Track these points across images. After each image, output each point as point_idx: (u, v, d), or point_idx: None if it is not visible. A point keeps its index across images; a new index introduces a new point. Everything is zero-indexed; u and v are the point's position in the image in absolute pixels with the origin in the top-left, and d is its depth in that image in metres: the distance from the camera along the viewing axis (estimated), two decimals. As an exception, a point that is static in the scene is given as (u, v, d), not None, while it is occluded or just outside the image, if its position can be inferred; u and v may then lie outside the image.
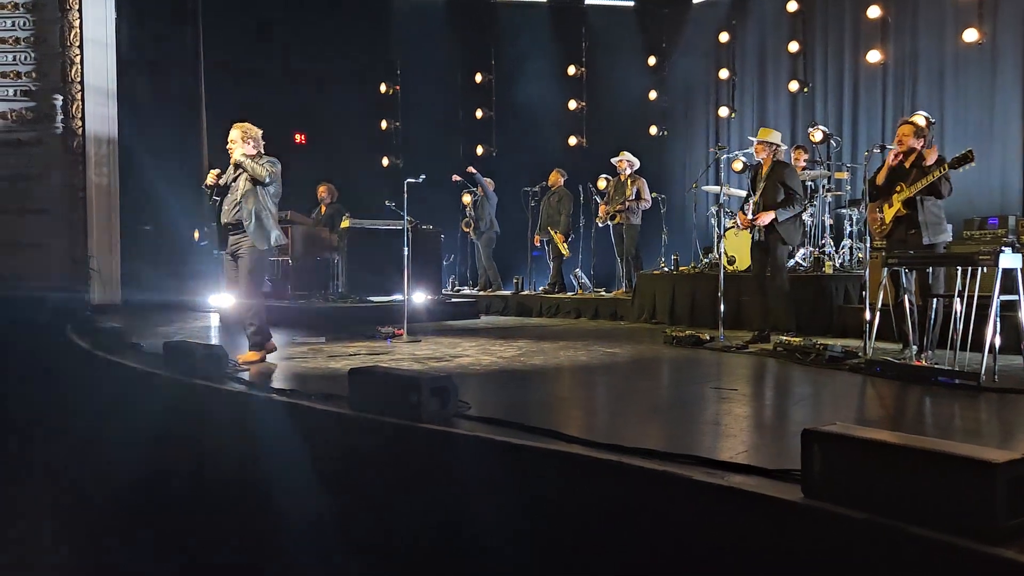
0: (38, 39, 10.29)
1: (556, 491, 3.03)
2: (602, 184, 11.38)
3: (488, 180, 12.12)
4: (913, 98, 10.64)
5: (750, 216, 7.14)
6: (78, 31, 10.23)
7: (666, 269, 10.17)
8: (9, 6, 10.26)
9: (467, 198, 12.37)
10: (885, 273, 5.39)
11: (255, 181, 5.79)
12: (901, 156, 5.78)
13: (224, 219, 5.85)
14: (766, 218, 6.99)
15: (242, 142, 5.83)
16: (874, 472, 2.27)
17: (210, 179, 5.92)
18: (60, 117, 10.30)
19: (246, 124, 5.93)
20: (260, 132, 5.97)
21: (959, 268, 4.93)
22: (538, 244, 11.73)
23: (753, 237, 7.25)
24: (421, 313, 9.50)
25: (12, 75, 10.32)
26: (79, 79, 10.28)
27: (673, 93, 13.80)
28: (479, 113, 14.33)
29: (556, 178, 11.48)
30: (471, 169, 12.08)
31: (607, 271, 11.67)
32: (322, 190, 11.07)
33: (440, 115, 14.22)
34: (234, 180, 5.89)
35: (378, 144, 14.38)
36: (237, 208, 5.78)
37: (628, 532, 2.79)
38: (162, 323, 8.73)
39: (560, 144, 13.74)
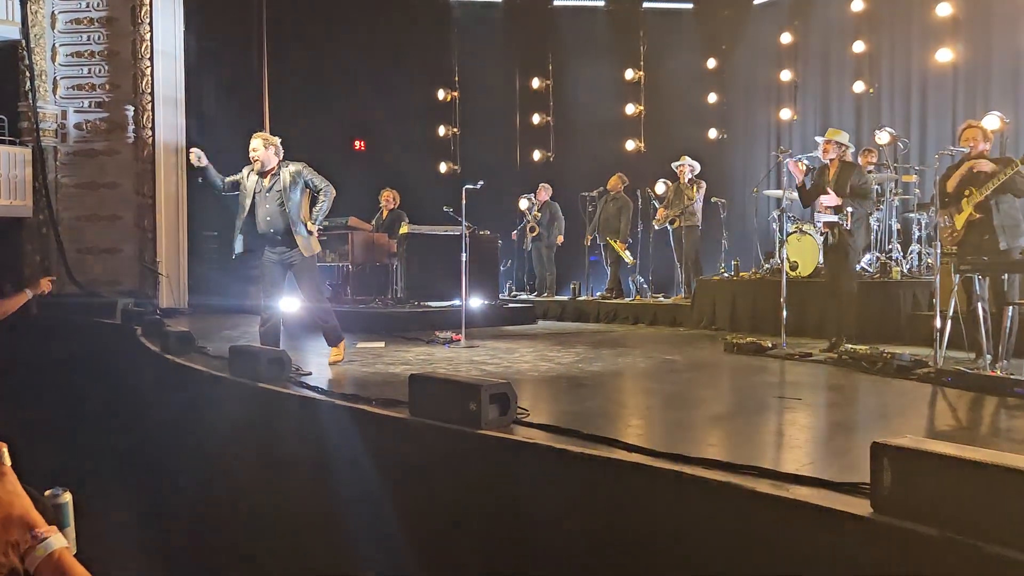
0: (112, 52, 10.69)
1: (615, 500, 3.01)
2: (660, 189, 11.29)
3: (544, 186, 12.18)
4: (985, 98, 10.29)
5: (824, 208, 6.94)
6: (149, 44, 10.59)
7: (726, 274, 10.02)
8: (86, 21, 10.68)
9: (523, 203, 12.41)
10: (956, 279, 5.21)
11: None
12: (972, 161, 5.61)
13: (265, 230, 6.10)
14: (831, 200, 6.81)
15: (264, 149, 6.14)
16: (947, 487, 2.19)
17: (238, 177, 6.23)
18: (132, 127, 10.67)
19: (265, 133, 6.29)
20: (279, 140, 6.30)
21: (1036, 274, 4.74)
22: (588, 243, 11.69)
23: (826, 241, 7.09)
24: (478, 318, 9.54)
25: (88, 87, 10.73)
26: (150, 90, 10.63)
27: (733, 96, 13.62)
28: (536, 118, 14.36)
29: (616, 183, 11.41)
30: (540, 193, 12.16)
31: (666, 276, 11.56)
32: (386, 195, 11.21)
33: (498, 121, 14.28)
34: (265, 190, 6.10)
35: (436, 150, 14.51)
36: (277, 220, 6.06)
37: (689, 544, 2.75)
38: (227, 327, 8.94)
39: (618, 148, 13.68)
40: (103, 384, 7.39)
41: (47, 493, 1.90)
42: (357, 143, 13.97)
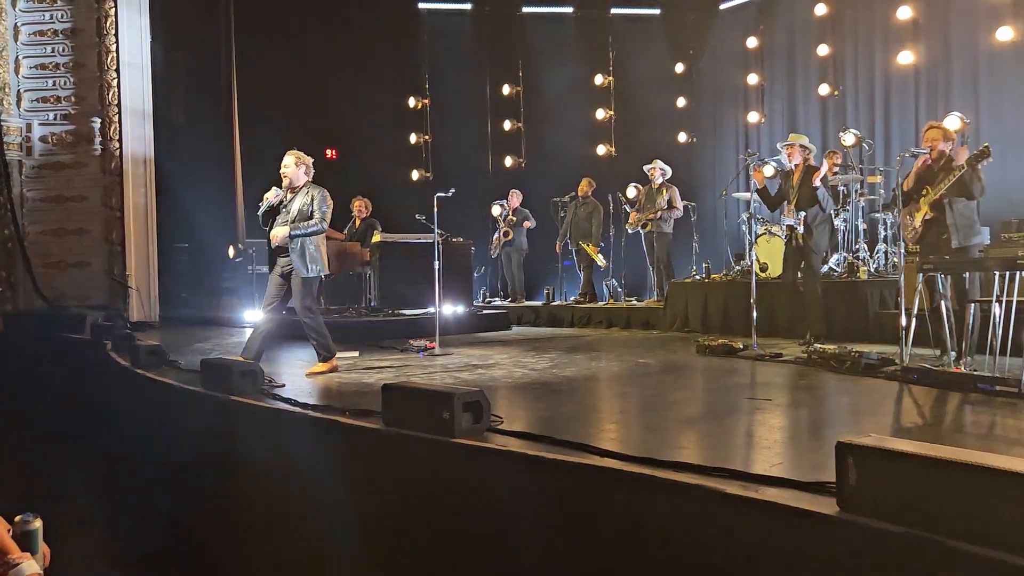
0: (77, 64, 10.56)
1: (588, 505, 3.03)
2: (631, 192, 11.36)
3: (515, 192, 12.23)
4: (947, 99, 10.48)
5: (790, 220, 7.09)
6: (115, 55, 10.48)
7: (698, 277, 10.12)
8: (50, 33, 10.55)
9: (496, 210, 12.44)
10: (920, 278, 5.31)
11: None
12: (930, 160, 5.72)
13: (274, 243, 6.16)
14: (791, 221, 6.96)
15: (295, 167, 6.17)
16: (911, 485, 2.24)
17: (270, 196, 6.21)
18: (99, 139, 10.54)
19: (299, 152, 6.28)
20: (312, 160, 6.34)
21: (997, 272, 4.84)
22: (559, 251, 11.74)
23: (789, 243, 7.19)
24: (453, 325, 9.54)
25: (52, 99, 10.59)
26: (116, 102, 10.52)
27: (701, 100, 13.77)
28: (507, 125, 14.40)
29: (585, 187, 11.48)
30: (527, 224, 12.11)
31: (638, 280, 11.64)
32: (358, 204, 11.14)
33: (469, 128, 14.30)
34: (286, 205, 6.16)
35: (408, 158, 14.50)
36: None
37: (661, 546, 2.78)
38: (198, 339, 8.86)
39: (589, 153, 13.76)
40: (72, 400, 7.29)
41: (17, 519, 1.89)
42: (328, 152, 13.91)
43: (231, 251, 11.85)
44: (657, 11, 13.87)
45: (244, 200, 12.23)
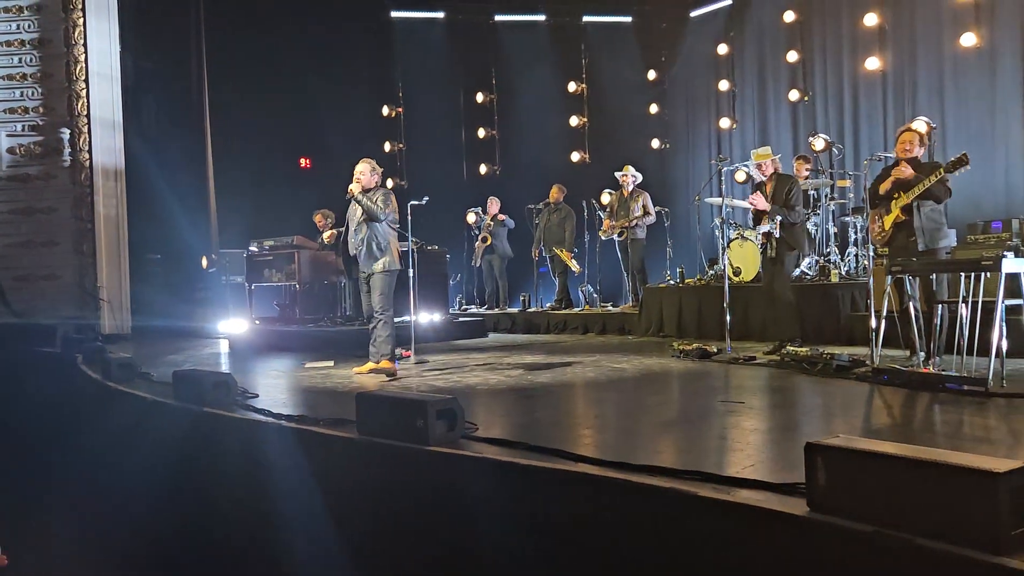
0: (44, 74, 10.42)
1: (563, 511, 3.04)
2: (606, 199, 11.42)
3: (493, 200, 12.23)
4: (913, 104, 10.66)
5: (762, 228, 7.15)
6: (83, 65, 10.35)
7: (672, 282, 10.18)
8: (16, 43, 10.41)
9: (471, 217, 12.44)
10: (889, 280, 5.39)
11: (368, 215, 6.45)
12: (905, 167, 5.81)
13: (351, 251, 6.60)
14: (760, 203, 7.05)
15: (370, 174, 6.58)
16: (878, 484, 2.27)
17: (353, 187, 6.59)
18: (68, 150, 10.41)
19: (372, 160, 6.71)
20: (382, 170, 6.83)
21: (963, 273, 4.92)
22: (536, 258, 11.76)
23: (764, 250, 7.25)
24: (429, 333, 9.52)
25: (20, 110, 10.45)
26: (85, 112, 10.39)
27: (674, 106, 13.89)
28: (481, 132, 14.43)
29: (556, 194, 11.52)
30: (501, 216, 12.13)
31: (613, 285, 11.69)
32: (318, 217, 11.00)
33: (443, 136, 14.32)
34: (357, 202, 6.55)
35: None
36: (355, 238, 6.55)
37: (636, 550, 2.79)
38: (172, 351, 8.77)
39: (563, 160, 13.81)
40: (43, 415, 7.18)
41: None
42: (303, 161, 13.85)
43: (204, 261, 11.75)
44: (628, 19, 14.00)
45: (217, 210, 12.14)
